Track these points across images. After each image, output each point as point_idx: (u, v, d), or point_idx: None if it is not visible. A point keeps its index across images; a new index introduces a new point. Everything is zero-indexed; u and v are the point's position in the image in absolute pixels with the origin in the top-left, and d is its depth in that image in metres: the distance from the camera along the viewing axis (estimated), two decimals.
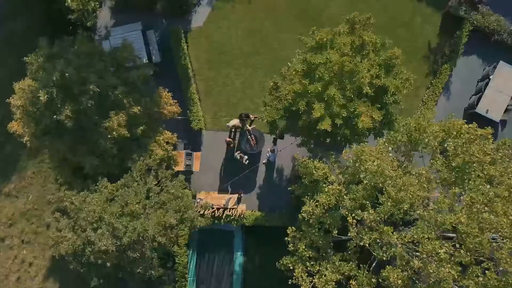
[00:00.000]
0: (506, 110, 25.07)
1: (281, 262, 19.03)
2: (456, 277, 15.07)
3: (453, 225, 15.90)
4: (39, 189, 27.08)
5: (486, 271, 15.04)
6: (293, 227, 19.08)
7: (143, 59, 24.84)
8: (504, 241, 15.47)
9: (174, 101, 22.99)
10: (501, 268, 15.19)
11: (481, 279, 14.90)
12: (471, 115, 25.33)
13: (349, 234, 17.21)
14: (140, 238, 18.60)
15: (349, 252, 18.10)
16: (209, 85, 26.56)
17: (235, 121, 24.91)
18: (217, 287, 25.57)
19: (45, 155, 25.69)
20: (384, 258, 16.33)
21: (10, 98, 19.72)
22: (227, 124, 24.99)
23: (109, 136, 18.90)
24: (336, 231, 17.98)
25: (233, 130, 25.62)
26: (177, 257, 24.25)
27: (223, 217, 24.39)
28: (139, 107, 19.77)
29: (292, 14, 26.95)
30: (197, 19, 27.01)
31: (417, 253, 16.27)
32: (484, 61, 26.40)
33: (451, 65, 25.80)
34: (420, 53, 26.59)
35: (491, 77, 25.07)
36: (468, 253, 15.31)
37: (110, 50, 22.03)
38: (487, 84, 25.06)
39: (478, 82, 26.27)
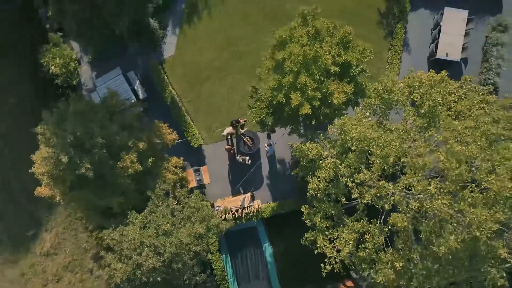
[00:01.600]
0: (463, 49, 27.16)
1: (304, 239, 21.11)
2: (449, 204, 17.16)
3: (436, 165, 17.94)
4: (73, 241, 29.33)
5: (471, 193, 17.14)
6: (306, 205, 21.15)
7: (131, 99, 26.97)
8: (481, 163, 17.57)
9: (171, 129, 25.07)
10: (482, 187, 17.27)
11: (470, 199, 16.99)
12: (435, 62, 27.41)
13: (352, 196, 19.28)
14: (178, 250, 20.87)
15: (358, 213, 20.20)
16: (196, 104, 28.63)
17: (229, 129, 26.97)
18: (256, 279, 27.61)
19: (70, 210, 27.90)
20: (387, 208, 18.43)
21: (32, 168, 22.02)
22: (222, 133, 27.10)
23: (126, 174, 21.07)
24: (344, 199, 19.83)
25: (229, 137, 27.64)
26: (213, 263, 26.33)
27: (243, 216, 26.33)
28: (143, 143, 21.92)
29: (253, 16, 28.84)
30: (168, 49, 29.12)
31: (414, 196, 18.37)
32: (432, 11, 28.50)
33: (403, 23, 27.91)
34: (374, 21, 28.65)
35: (441, 23, 27.12)
36: (452, 184, 17.40)
37: (100, 101, 24.17)
38: (439, 31, 27.13)
39: (432, 31, 28.36)
